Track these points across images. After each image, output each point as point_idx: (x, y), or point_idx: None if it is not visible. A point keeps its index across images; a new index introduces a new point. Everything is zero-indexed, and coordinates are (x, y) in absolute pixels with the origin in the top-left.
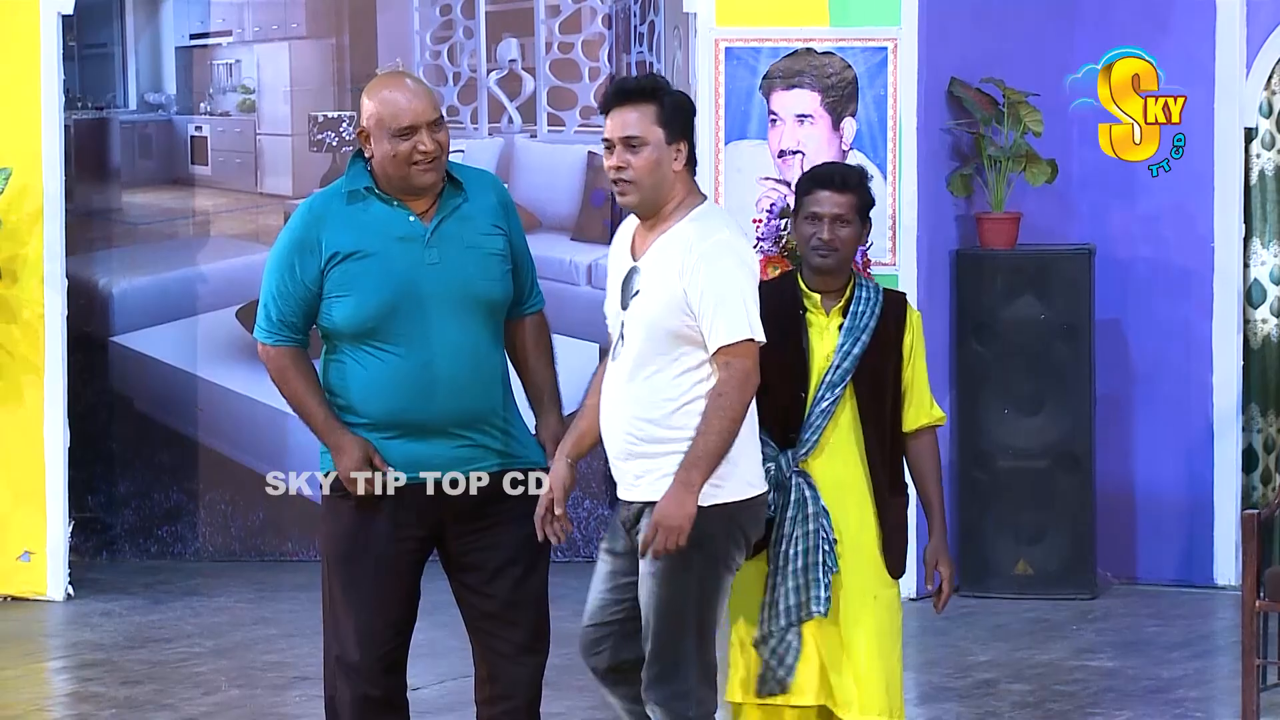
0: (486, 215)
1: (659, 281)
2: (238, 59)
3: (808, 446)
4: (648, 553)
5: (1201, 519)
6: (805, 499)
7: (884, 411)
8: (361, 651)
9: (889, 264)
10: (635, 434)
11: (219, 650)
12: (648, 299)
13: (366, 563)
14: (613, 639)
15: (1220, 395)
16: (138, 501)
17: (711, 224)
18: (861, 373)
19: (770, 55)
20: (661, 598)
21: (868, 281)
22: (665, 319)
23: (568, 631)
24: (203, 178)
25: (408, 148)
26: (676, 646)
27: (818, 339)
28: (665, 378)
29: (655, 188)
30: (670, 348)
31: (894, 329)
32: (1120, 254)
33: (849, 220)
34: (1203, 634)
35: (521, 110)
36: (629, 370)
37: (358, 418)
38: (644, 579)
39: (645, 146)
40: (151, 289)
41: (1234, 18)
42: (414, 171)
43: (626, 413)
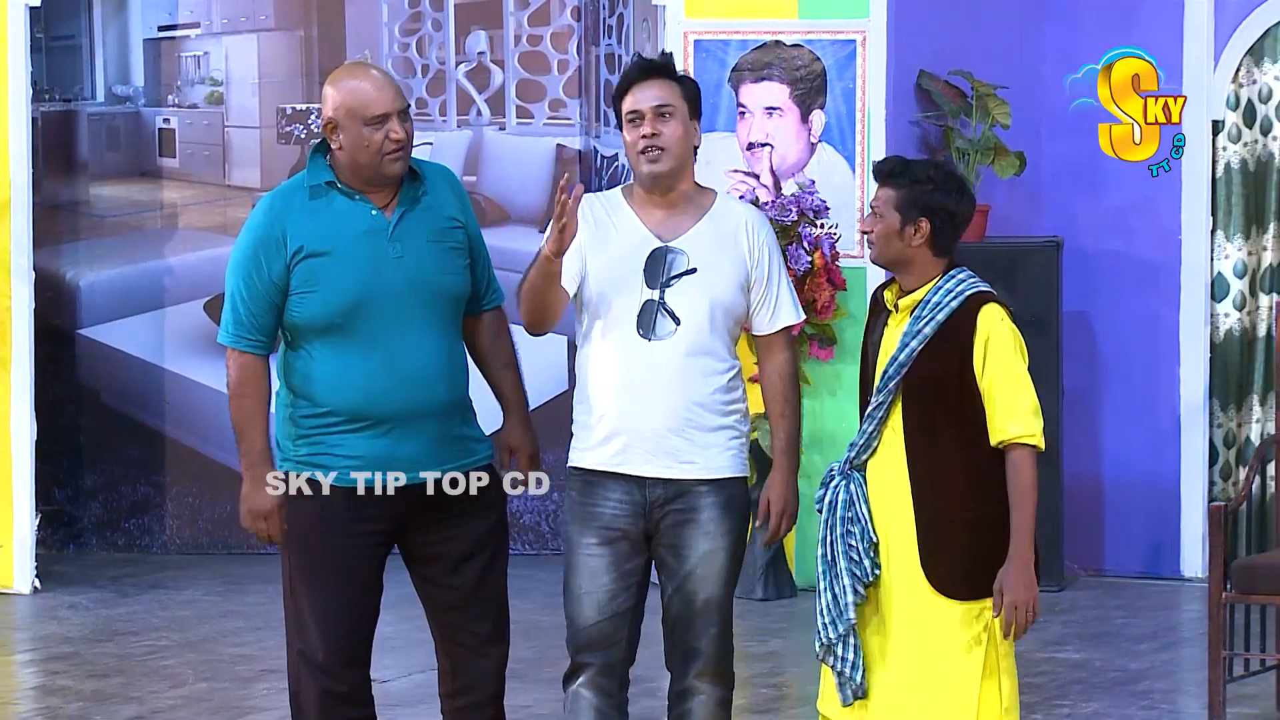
0: (445, 208)
1: (721, 262)
2: (205, 51)
3: (858, 447)
4: (693, 529)
5: (1168, 511)
6: (839, 502)
7: (935, 419)
8: (324, 646)
9: (857, 255)
10: (700, 406)
11: (186, 643)
12: (711, 279)
13: (327, 557)
14: (629, 626)
15: (1187, 388)
16: (105, 494)
17: (756, 211)
18: (913, 377)
19: (739, 47)
20: (730, 569)
21: (961, 281)
22: (730, 297)
23: (533, 623)
24: (170, 170)
25: (380, 136)
26: (729, 616)
27: (888, 339)
28: (721, 349)
29: (682, 157)
30: (726, 322)
31: (960, 334)
32: (1088, 246)
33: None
34: (1170, 626)
35: (490, 102)
36: (687, 345)
37: (321, 412)
38: (709, 555)
39: (674, 117)
40: (119, 282)
41: (1201, 11)
42: (385, 161)
43: (684, 388)
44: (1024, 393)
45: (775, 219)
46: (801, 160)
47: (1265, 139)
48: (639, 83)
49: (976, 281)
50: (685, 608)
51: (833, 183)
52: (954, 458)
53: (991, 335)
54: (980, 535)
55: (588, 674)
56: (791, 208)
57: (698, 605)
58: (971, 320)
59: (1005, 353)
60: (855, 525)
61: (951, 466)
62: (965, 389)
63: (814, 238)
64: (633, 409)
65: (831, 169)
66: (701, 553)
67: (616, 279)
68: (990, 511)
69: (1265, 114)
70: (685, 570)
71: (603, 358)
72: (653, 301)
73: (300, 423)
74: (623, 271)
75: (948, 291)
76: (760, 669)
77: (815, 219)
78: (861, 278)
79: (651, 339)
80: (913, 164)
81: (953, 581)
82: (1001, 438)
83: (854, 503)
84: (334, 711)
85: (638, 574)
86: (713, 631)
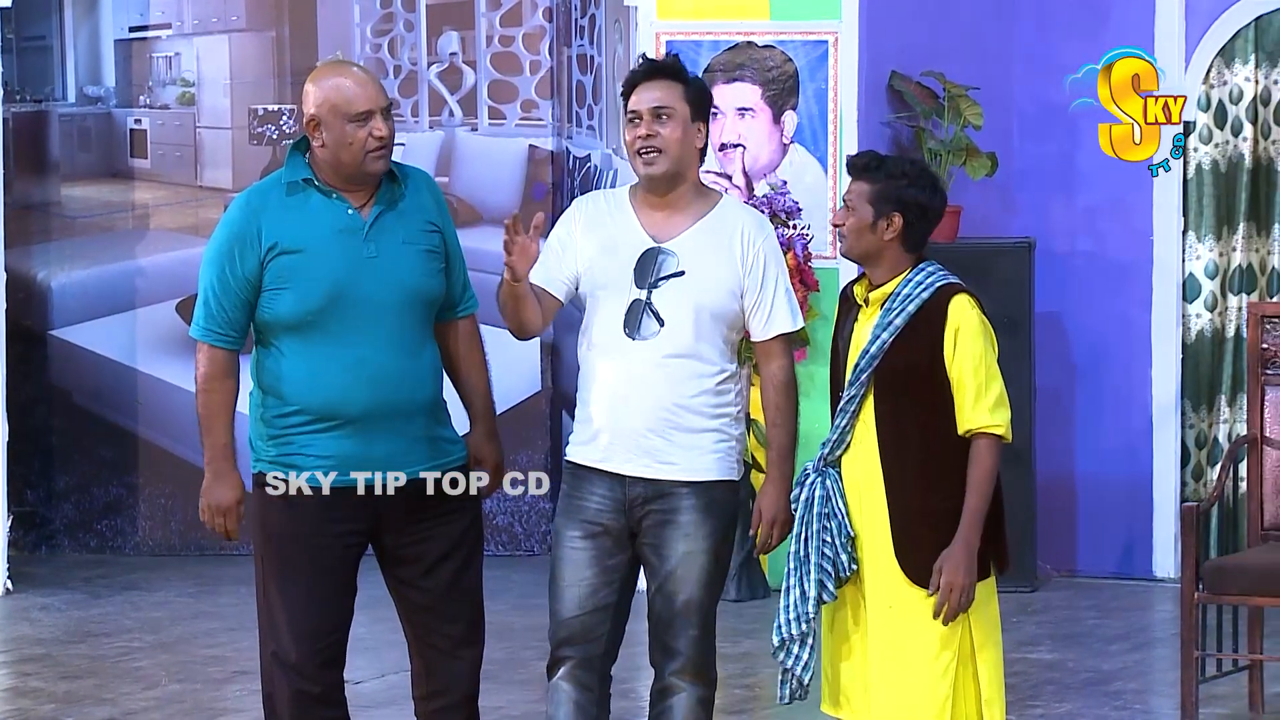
0: (422, 211)
1: (711, 267)
2: (177, 52)
3: (832, 443)
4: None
5: (1141, 512)
6: (814, 498)
7: (906, 410)
8: (297, 647)
9: (830, 257)
10: (688, 408)
11: (159, 645)
12: (699, 282)
13: (301, 558)
14: (611, 622)
15: (1159, 388)
16: (77, 495)
17: (760, 218)
18: (884, 370)
19: (711, 48)
20: (711, 573)
21: (930, 274)
22: (718, 302)
23: (506, 625)
24: (142, 171)
25: (363, 134)
26: (712, 613)
27: (858, 333)
28: (712, 352)
29: (680, 159)
30: (715, 327)
31: (930, 325)
32: (1060, 247)
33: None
34: (1142, 626)
35: (462, 103)
36: (671, 346)
37: (291, 411)
38: (689, 557)
39: (673, 118)
40: (90, 282)
41: (1172, 13)
42: (368, 158)
43: (665, 389)
44: (992, 383)
45: None
46: (774, 161)
47: (1236, 140)
48: (641, 83)
49: (946, 274)
50: (666, 607)
51: (805, 183)
52: (925, 448)
53: (961, 325)
54: (952, 525)
55: (567, 667)
56: (764, 209)
57: (677, 606)
58: (942, 311)
59: (974, 343)
60: (832, 520)
61: (923, 457)
62: (936, 380)
63: (786, 239)
64: (616, 407)
65: (803, 170)
66: (681, 554)
67: (609, 277)
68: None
69: (1236, 115)
70: (666, 570)
71: (594, 355)
72: (639, 301)
73: (272, 422)
74: (615, 270)
75: (918, 284)
76: (733, 670)
77: (787, 220)
78: (834, 278)
79: (636, 339)
80: (887, 159)
81: (926, 570)
82: (968, 426)
83: (830, 498)
84: (307, 713)
85: (621, 570)
86: (692, 633)
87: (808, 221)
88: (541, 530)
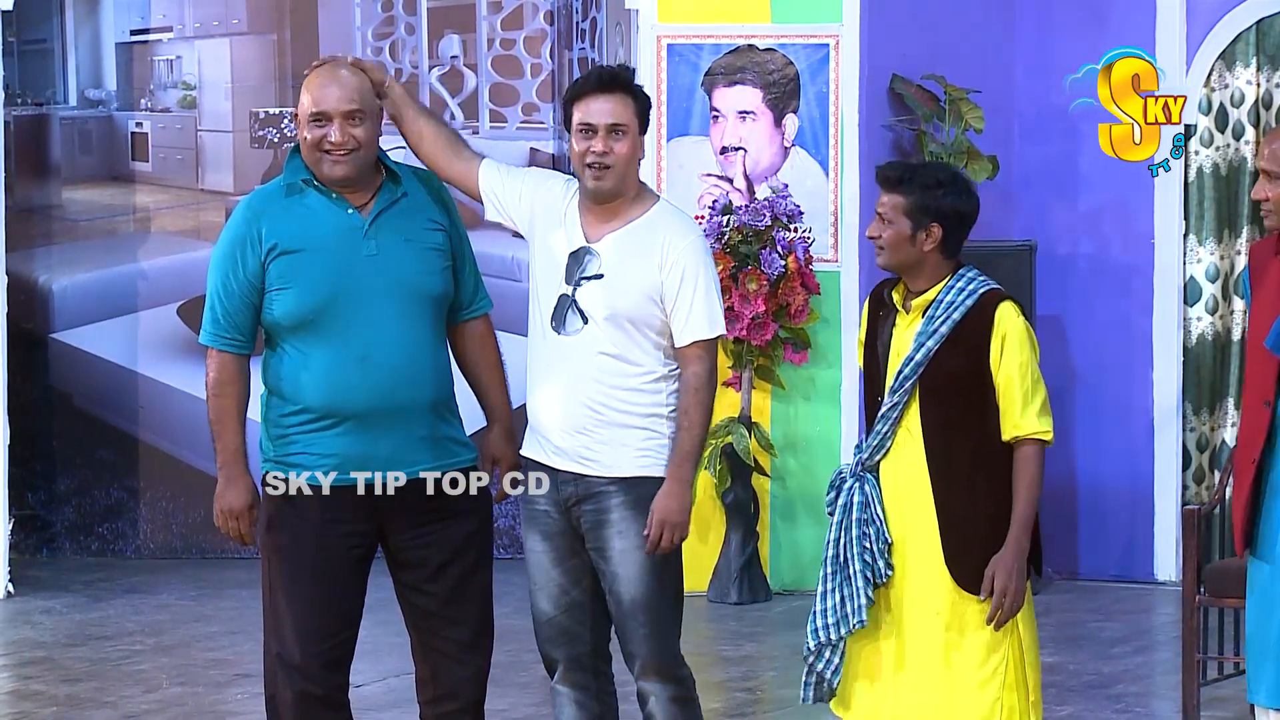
0: (424, 210)
1: (630, 271)
2: (178, 55)
3: (871, 448)
4: (608, 529)
5: (1142, 515)
6: (853, 504)
7: (954, 417)
8: (301, 649)
9: (831, 260)
10: (611, 405)
11: (160, 648)
12: (615, 286)
13: (305, 559)
14: (590, 621)
15: (1161, 392)
16: (78, 499)
17: (685, 222)
18: (930, 376)
19: (712, 52)
20: (652, 568)
21: (971, 280)
22: (635, 307)
23: (508, 627)
24: (143, 174)
25: (317, 135)
26: (669, 618)
27: (899, 340)
28: (640, 354)
29: (626, 176)
30: (638, 330)
31: (976, 332)
32: (1061, 250)
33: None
34: (1144, 629)
35: (464, 107)
36: (594, 344)
37: (293, 409)
38: (625, 554)
39: (627, 135)
40: (92, 285)
41: (1174, 16)
42: (324, 160)
43: (597, 385)
44: (1038, 389)
45: (749, 223)
46: (775, 164)
47: (1238, 143)
48: (596, 94)
49: (987, 280)
50: (617, 609)
51: (806, 187)
52: (974, 455)
53: (1009, 332)
54: (1001, 531)
55: (560, 669)
56: (765, 212)
57: (625, 606)
58: (988, 318)
59: (1021, 350)
60: (870, 526)
61: (971, 463)
62: (982, 386)
63: (788, 242)
64: (542, 401)
65: (805, 173)
66: (617, 552)
67: (545, 269)
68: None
69: (1237, 119)
70: (609, 571)
71: (530, 347)
72: (566, 297)
73: (276, 422)
74: (551, 263)
75: (960, 290)
76: (735, 673)
77: (789, 223)
78: (835, 281)
79: (561, 333)
80: (918, 169)
81: (976, 577)
82: (1016, 433)
83: (869, 504)
84: (311, 715)
85: (584, 570)
86: (642, 633)
87: (809, 225)
88: None
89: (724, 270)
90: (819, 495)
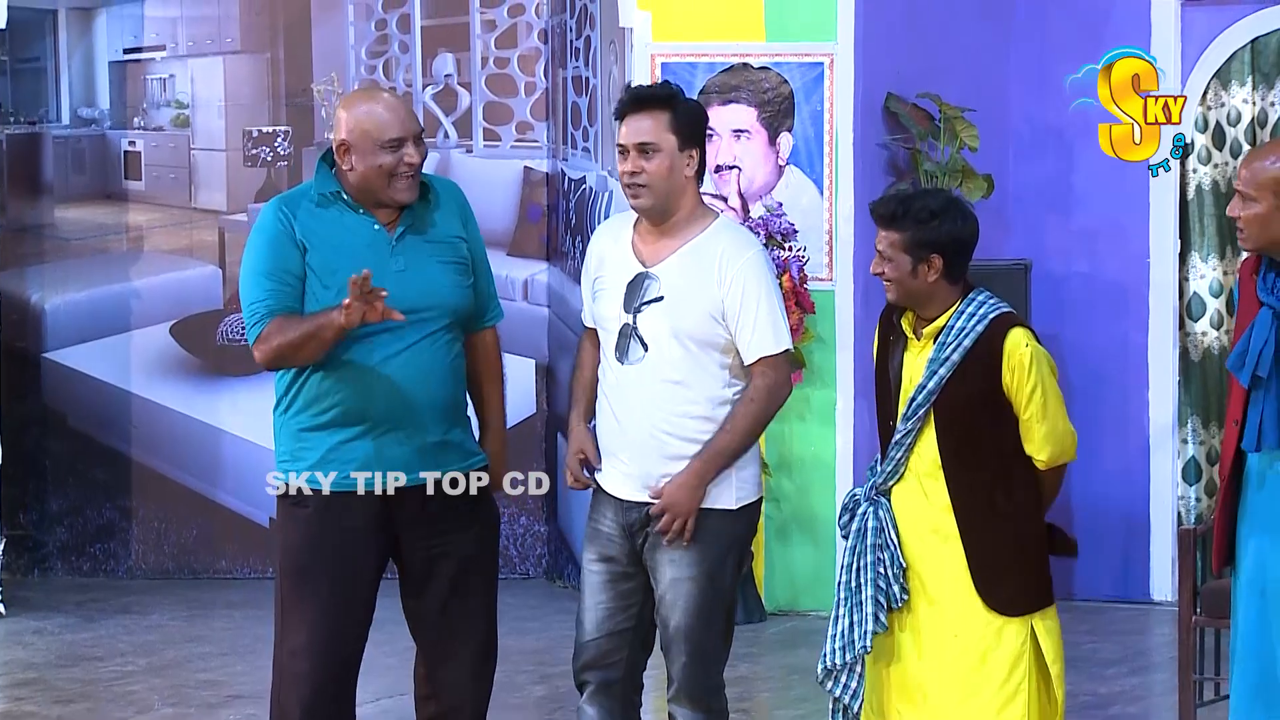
0: (450, 224)
1: (690, 291)
2: (171, 74)
3: (884, 474)
4: (663, 554)
5: (1138, 535)
6: (867, 529)
7: (970, 443)
8: (310, 659)
9: (826, 279)
10: (675, 433)
11: (152, 668)
12: (676, 307)
13: (316, 565)
14: (629, 649)
15: (1156, 410)
16: (70, 519)
17: (743, 238)
18: (944, 404)
19: (706, 70)
20: (700, 601)
21: (982, 304)
22: (698, 327)
23: (503, 647)
24: (136, 193)
25: (393, 160)
26: (711, 646)
27: (910, 366)
28: (704, 377)
29: (668, 193)
30: (701, 351)
31: (987, 359)
32: (1056, 269)
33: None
34: (1140, 650)
35: (457, 125)
36: (656, 372)
37: (307, 411)
38: (676, 584)
39: (659, 153)
40: (84, 305)
41: (1169, 33)
42: (396, 186)
43: (660, 413)
44: (1059, 416)
45: None
46: (769, 183)
47: (1235, 162)
48: (628, 114)
49: (997, 303)
50: (663, 632)
51: (800, 205)
52: (992, 478)
53: (1021, 360)
54: (1028, 549)
55: (589, 690)
56: (759, 230)
57: (670, 631)
58: (998, 344)
59: (1036, 376)
60: (885, 551)
61: (991, 487)
62: (996, 411)
63: (782, 261)
64: (612, 432)
65: (799, 191)
66: (669, 580)
67: (606, 302)
68: (1029, 525)
69: (1234, 137)
70: (659, 595)
71: (600, 380)
72: (627, 326)
73: (287, 423)
74: (611, 295)
75: (970, 315)
76: (729, 694)
77: (783, 242)
78: (830, 300)
79: (625, 363)
80: (910, 201)
81: (1010, 599)
82: (1043, 465)
83: (883, 529)
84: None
85: (637, 595)
86: (682, 659)
87: (803, 244)
88: (536, 553)
89: None
90: (814, 516)
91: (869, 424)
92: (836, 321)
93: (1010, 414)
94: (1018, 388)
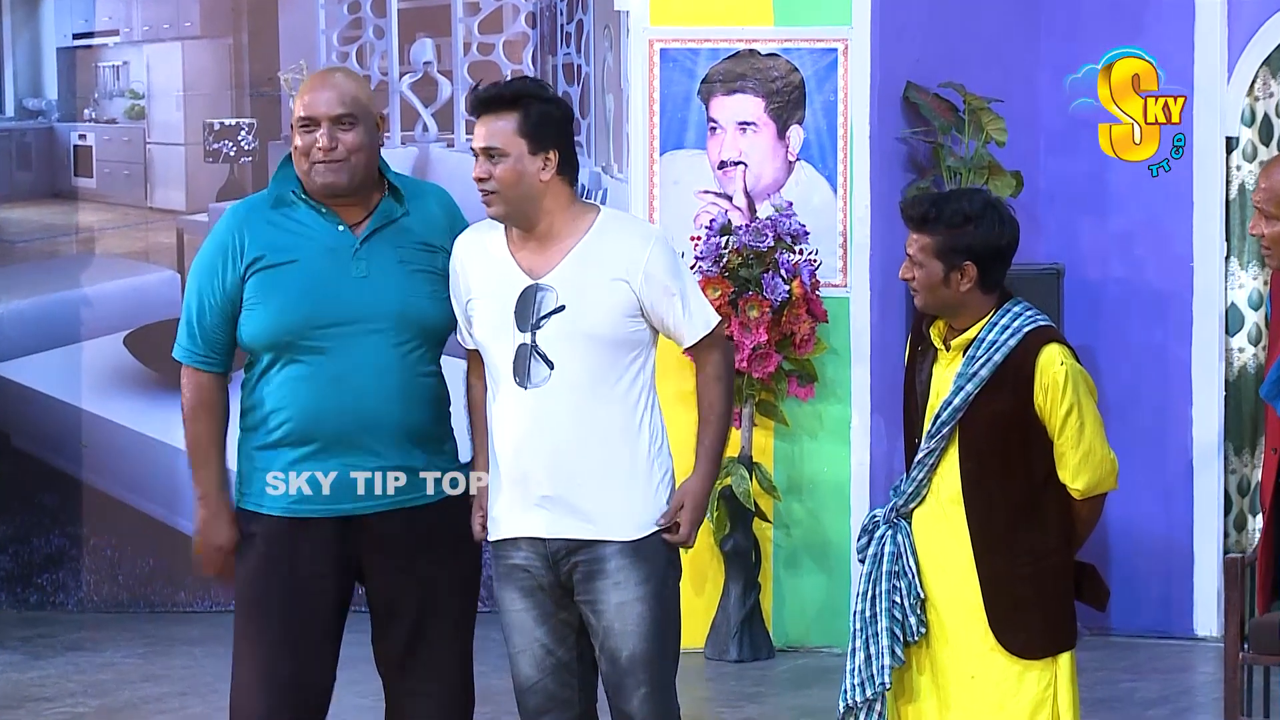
0: (427, 230)
1: (594, 293)
2: (125, 61)
3: (906, 495)
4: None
5: (1180, 564)
6: (884, 554)
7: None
8: (267, 701)
9: (840, 284)
10: (588, 457)
11: (105, 711)
12: (583, 313)
13: (276, 600)
14: (578, 685)
15: (1200, 429)
16: (15, 547)
17: (636, 227)
18: (969, 423)
19: (710, 57)
20: (651, 624)
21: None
22: (611, 328)
23: (485, 686)
24: (87, 191)
25: (305, 143)
26: (666, 667)
27: (938, 380)
28: (619, 393)
29: (521, 199)
30: (615, 358)
31: (1018, 376)
32: (1091, 274)
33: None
34: (1183, 689)
35: (437, 117)
36: (566, 387)
37: (259, 429)
38: (623, 608)
39: (505, 158)
40: (31, 313)
41: (1214, 20)
42: (312, 169)
43: (579, 430)
44: (1097, 441)
45: (749, 244)
46: (778, 180)
47: None
48: (476, 117)
49: (1034, 315)
50: (611, 668)
51: (812, 204)
52: (1015, 508)
53: (1055, 378)
54: (1049, 588)
55: None
56: (767, 232)
57: (622, 664)
58: (1031, 360)
59: (1072, 397)
60: (901, 580)
61: (1013, 518)
62: (1025, 433)
63: (792, 265)
64: (521, 466)
65: (811, 189)
66: (614, 605)
67: (492, 324)
68: (1054, 561)
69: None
70: (604, 627)
71: (494, 410)
72: (525, 346)
73: (243, 441)
74: (497, 316)
75: (1004, 328)
76: None
77: (793, 244)
78: (844, 308)
79: (528, 387)
80: (944, 202)
81: (1027, 642)
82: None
83: (901, 555)
84: None
85: (573, 625)
86: (642, 691)
87: (815, 246)
88: None
89: (722, 296)
90: (827, 543)
91: (886, 443)
92: (851, 331)
93: (1042, 438)
94: (1051, 409)
